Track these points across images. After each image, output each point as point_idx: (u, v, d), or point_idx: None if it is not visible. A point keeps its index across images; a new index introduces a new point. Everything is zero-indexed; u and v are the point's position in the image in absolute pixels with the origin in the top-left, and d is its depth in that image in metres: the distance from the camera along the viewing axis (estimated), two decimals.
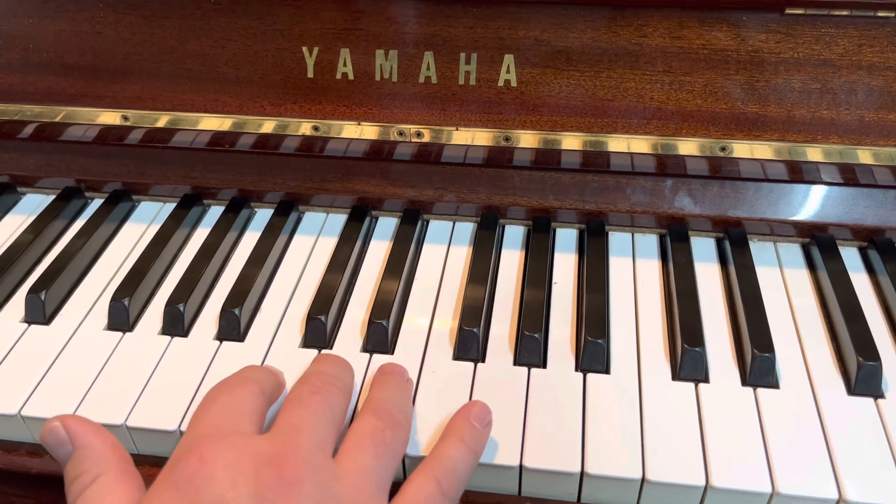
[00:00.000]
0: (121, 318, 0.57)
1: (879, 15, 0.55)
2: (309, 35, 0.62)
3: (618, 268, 0.62)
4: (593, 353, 0.52)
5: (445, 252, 0.64)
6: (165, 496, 0.37)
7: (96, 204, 0.71)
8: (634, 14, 0.58)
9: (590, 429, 0.48)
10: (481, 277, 0.59)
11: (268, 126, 0.67)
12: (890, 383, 0.51)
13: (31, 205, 0.72)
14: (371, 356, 0.54)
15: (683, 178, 0.64)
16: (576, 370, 0.53)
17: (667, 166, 0.64)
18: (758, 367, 0.51)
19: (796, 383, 0.51)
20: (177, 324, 0.56)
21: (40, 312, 0.58)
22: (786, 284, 0.60)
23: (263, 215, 0.69)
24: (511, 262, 0.63)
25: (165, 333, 0.56)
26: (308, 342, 0.55)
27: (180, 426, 0.49)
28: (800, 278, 0.61)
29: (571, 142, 0.63)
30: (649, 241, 0.65)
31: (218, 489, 0.36)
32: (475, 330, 0.54)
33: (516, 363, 0.53)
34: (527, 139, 0.64)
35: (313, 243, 0.66)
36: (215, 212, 0.70)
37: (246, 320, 0.57)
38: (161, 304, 0.58)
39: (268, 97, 0.66)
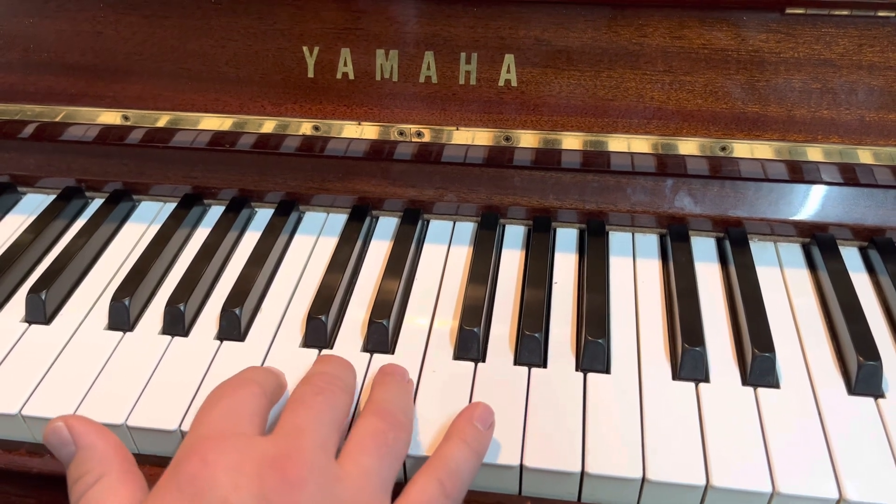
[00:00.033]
0: (121, 318, 0.57)
1: (880, 15, 0.55)
2: (309, 35, 0.62)
3: (618, 267, 0.62)
4: (594, 353, 0.52)
5: (446, 252, 0.64)
6: (168, 497, 0.37)
7: (97, 204, 0.71)
8: (635, 14, 0.58)
9: (590, 428, 0.48)
10: (482, 277, 0.59)
11: (268, 126, 0.67)
12: (890, 383, 0.51)
13: (32, 204, 0.72)
14: (371, 356, 0.54)
15: (684, 178, 0.64)
16: (576, 370, 0.53)
17: (667, 166, 0.64)
18: (758, 367, 0.51)
19: (797, 383, 0.51)
20: (177, 323, 0.56)
21: (41, 312, 0.58)
22: (786, 284, 0.60)
23: (264, 215, 0.69)
24: (511, 262, 0.63)
25: (166, 333, 0.57)
26: (308, 342, 0.55)
27: (181, 426, 0.49)
28: (800, 278, 0.61)
29: (572, 141, 0.63)
30: (650, 241, 0.65)
31: (220, 491, 0.36)
32: (475, 330, 0.54)
33: (517, 363, 0.53)
34: (527, 139, 0.64)
35: (314, 243, 0.66)
36: (216, 211, 0.70)
37: (246, 320, 0.57)
38: (161, 304, 0.58)
39: (268, 97, 0.66)
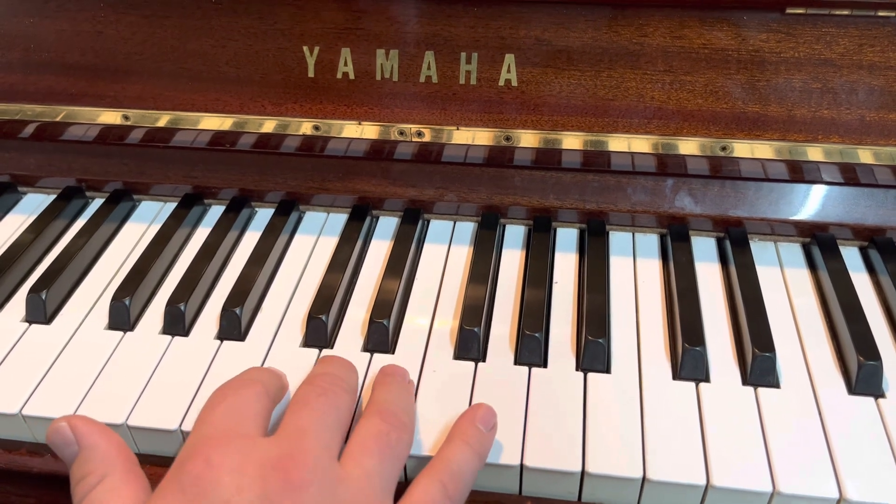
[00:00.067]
0: (122, 318, 0.57)
1: (880, 14, 0.55)
2: (310, 34, 0.63)
3: (618, 267, 0.62)
4: (594, 353, 0.52)
5: (446, 252, 0.64)
6: (171, 498, 0.37)
7: (97, 203, 0.71)
8: (635, 14, 0.58)
9: (590, 428, 0.48)
10: (482, 277, 0.59)
11: (268, 125, 0.67)
12: (890, 383, 0.51)
13: (32, 204, 0.72)
14: (372, 356, 0.54)
15: (684, 178, 0.64)
16: (576, 369, 0.53)
17: (667, 166, 0.64)
18: (758, 367, 0.51)
19: (797, 383, 0.51)
20: (178, 323, 0.56)
21: (41, 312, 0.58)
22: (786, 284, 0.60)
23: (264, 215, 0.69)
24: (512, 262, 0.63)
25: (166, 333, 0.57)
26: (309, 342, 0.55)
27: (181, 425, 0.49)
28: (800, 278, 0.61)
29: (572, 141, 0.63)
30: (650, 241, 0.65)
31: (224, 493, 0.36)
32: (476, 329, 0.54)
33: (517, 363, 0.53)
34: (527, 139, 0.64)
35: (314, 243, 0.66)
36: (216, 211, 0.69)
37: (247, 320, 0.57)
38: (162, 304, 0.58)
39: (268, 97, 0.66)
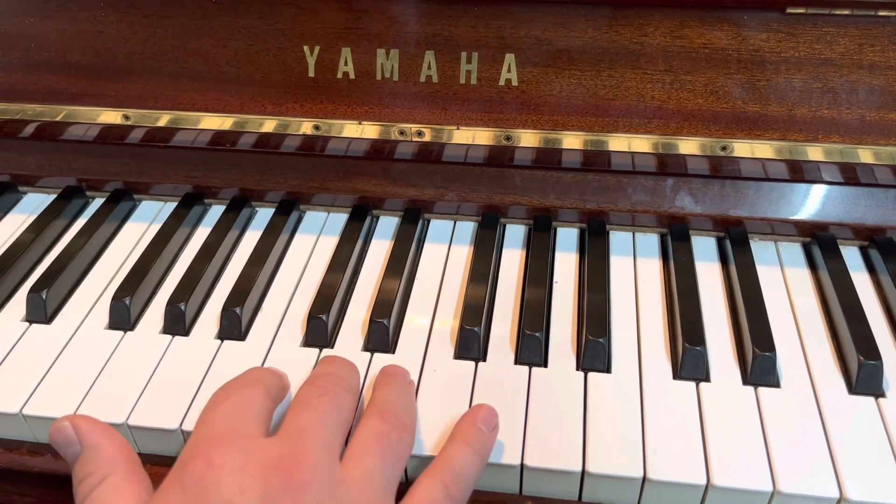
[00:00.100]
0: (122, 318, 0.57)
1: (880, 14, 0.55)
2: (310, 34, 0.63)
3: (619, 267, 0.62)
4: (594, 352, 0.52)
5: (446, 251, 0.64)
6: (172, 498, 0.37)
7: (97, 203, 0.71)
8: (635, 13, 0.58)
9: (591, 428, 0.48)
10: (482, 276, 0.59)
11: (269, 125, 0.67)
12: (891, 382, 0.51)
13: (33, 204, 0.72)
14: (372, 355, 0.54)
15: (684, 178, 0.64)
16: (577, 369, 0.53)
17: (668, 165, 0.64)
18: (759, 366, 0.51)
19: (797, 382, 0.51)
20: (178, 323, 0.56)
21: (41, 311, 0.58)
22: (787, 283, 0.60)
23: (264, 214, 0.69)
24: (512, 262, 0.63)
25: (166, 332, 0.57)
26: (309, 341, 0.55)
27: (181, 425, 0.49)
28: (801, 277, 0.61)
29: (572, 141, 0.63)
30: (650, 241, 0.65)
31: (225, 493, 0.36)
32: (476, 329, 0.54)
33: (517, 362, 0.53)
34: (528, 138, 0.64)
35: (314, 242, 0.66)
36: (216, 211, 0.70)
37: (247, 319, 0.57)
38: (162, 304, 0.58)
39: (269, 96, 0.66)
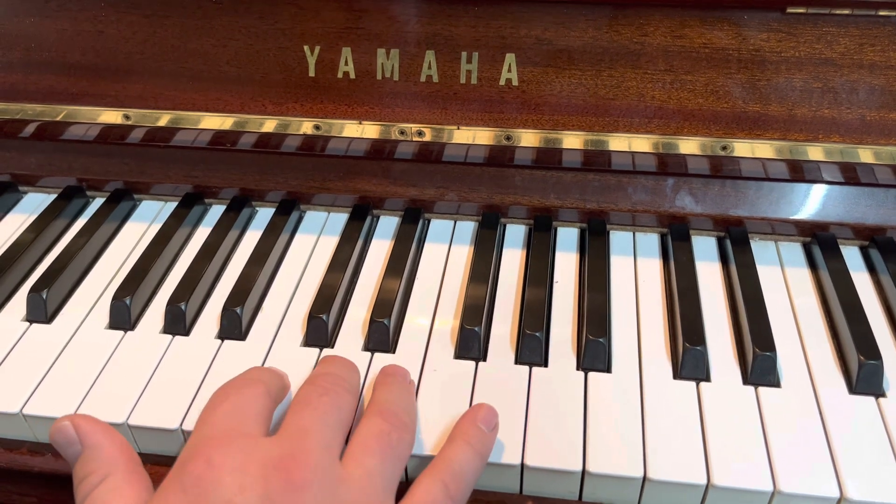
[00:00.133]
0: (122, 317, 0.57)
1: (881, 14, 0.55)
2: (310, 34, 0.63)
3: (619, 267, 0.62)
4: (595, 352, 0.52)
5: (447, 251, 0.64)
6: (172, 498, 0.37)
7: (98, 203, 0.71)
8: (636, 13, 0.58)
9: (591, 427, 0.48)
10: (482, 276, 0.59)
11: (269, 125, 0.67)
12: (891, 382, 0.51)
13: (33, 204, 0.72)
14: (372, 355, 0.54)
15: (685, 178, 0.64)
16: (577, 369, 0.53)
17: (668, 165, 0.64)
18: (759, 366, 0.51)
19: (797, 382, 0.51)
20: (178, 323, 0.56)
21: (42, 311, 0.58)
22: (787, 283, 0.60)
23: (265, 214, 0.69)
24: (512, 261, 0.63)
25: (167, 332, 0.57)
26: (309, 341, 0.55)
27: (182, 425, 0.49)
28: (801, 277, 0.61)
29: (573, 141, 0.63)
30: (650, 240, 0.65)
31: (225, 493, 0.36)
32: (476, 329, 0.54)
33: (518, 362, 0.53)
34: (528, 138, 0.64)
35: (315, 242, 0.66)
36: (217, 211, 0.70)
37: (247, 319, 0.57)
38: (162, 303, 0.58)
39: (269, 96, 0.66)
